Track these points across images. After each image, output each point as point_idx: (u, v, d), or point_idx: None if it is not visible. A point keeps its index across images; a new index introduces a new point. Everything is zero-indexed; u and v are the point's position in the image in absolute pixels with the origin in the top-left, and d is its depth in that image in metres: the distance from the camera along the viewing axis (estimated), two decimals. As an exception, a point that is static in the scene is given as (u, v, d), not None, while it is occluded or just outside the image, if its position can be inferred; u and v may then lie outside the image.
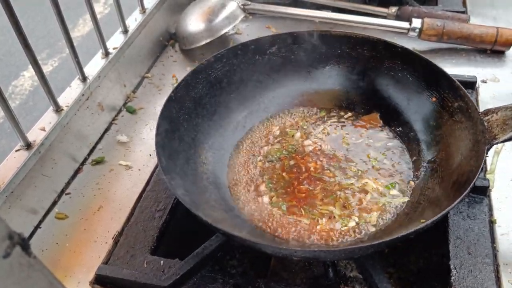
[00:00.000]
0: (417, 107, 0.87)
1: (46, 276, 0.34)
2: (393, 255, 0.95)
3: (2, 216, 0.53)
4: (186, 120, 0.83)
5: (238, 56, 0.91)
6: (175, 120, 0.81)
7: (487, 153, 0.69)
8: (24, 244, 0.32)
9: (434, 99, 0.83)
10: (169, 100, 0.81)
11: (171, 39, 1.26)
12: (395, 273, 0.95)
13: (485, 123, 0.72)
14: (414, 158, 0.84)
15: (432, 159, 0.81)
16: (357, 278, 0.91)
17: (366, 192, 0.80)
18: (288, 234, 0.76)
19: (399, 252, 0.95)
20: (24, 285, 0.33)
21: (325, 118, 0.95)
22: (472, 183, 0.63)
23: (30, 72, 3.14)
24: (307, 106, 0.97)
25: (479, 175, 0.64)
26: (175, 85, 0.84)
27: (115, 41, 1.07)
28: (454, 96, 0.79)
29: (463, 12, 1.21)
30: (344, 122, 0.93)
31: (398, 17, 1.20)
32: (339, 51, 0.94)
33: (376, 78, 0.92)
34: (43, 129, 0.85)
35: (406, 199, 0.78)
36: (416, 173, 0.82)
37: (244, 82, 0.92)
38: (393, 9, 1.20)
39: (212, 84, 0.89)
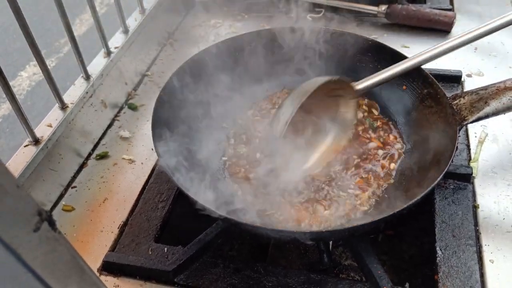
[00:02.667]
0: (390, 95, 0.93)
1: (69, 250, 0.39)
2: (386, 244, 1.00)
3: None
4: (177, 117, 0.87)
5: (220, 53, 0.95)
6: (168, 120, 0.85)
7: (459, 133, 0.75)
8: (50, 220, 0.36)
9: (404, 87, 0.90)
10: (159, 99, 0.84)
11: (170, 38, 1.30)
12: (388, 261, 0.99)
13: (454, 107, 0.78)
14: (392, 141, 0.90)
15: (408, 142, 0.87)
16: (352, 266, 0.96)
17: (355, 177, 0.85)
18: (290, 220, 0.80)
19: (392, 241, 0.99)
20: (51, 257, 0.37)
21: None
22: (450, 161, 0.68)
23: (27, 72, 3.16)
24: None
25: (455, 153, 0.70)
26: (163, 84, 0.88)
27: (116, 40, 1.11)
28: (423, 84, 0.86)
29: (450, 10, 1.26)
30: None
31: (387, 15, 1.25)
32: (314, 45, 0.97)
33: (350, 71, 0.96)
34: (50, 126, 0.89)
35: (392, 181, 0.84)
36: (395, 155, 0.87)
37: (228, 77, 0.96)
38: (383, 7, 1.25)
39: (197, 80, 0.93)
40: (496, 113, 0.77)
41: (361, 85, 0.83)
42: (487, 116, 0.78)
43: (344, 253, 0.99)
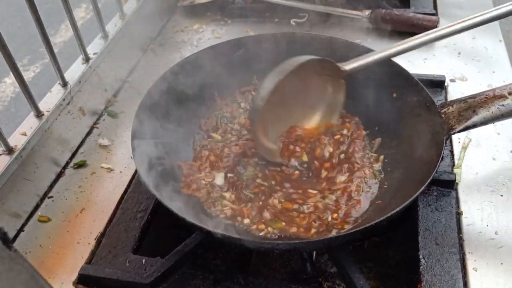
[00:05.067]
0: (380, 102, 0.91)
1: (27, 269, 0.36)
2: (372, 251, 0.99)
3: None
4: (159, 127, 0.85)
5: (207, 59, 0.93)
6: (150, 125, 0.83)
7: (445, 143, 0.73)
8: (5, 238, 0.34)
9: (394, 94, 0.88)
10: (142, 106, 0.83)
11: (151, 44, 1.28)
12: (374, 267, 0.98)
13: (442, 116, 0.76)
14: (380, 150, 0.88)
15: (396, 151, 0.86)
16: (337, 273, 0.94)
17: (337, 186, 0.83)
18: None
19: (378, 248, 0.98)
20: (6, 277, 0.35)
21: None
22: (434, 171, 0.67)
23: (11, 78, 3.12)
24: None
25: (440, 164, 0.69)
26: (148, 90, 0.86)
27: (96, 46, 1.09)
28: (413, 92, 0.84)
29: (433, 14, 1.25)
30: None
31: (371, 20, 1.24)
32: (303, 52, 0.96)
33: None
34: (24, 134, 0.86)
35: (376, 189, 0.82)
36: (383, 164, 0.86)
37: (213, 83, 0.95)
38: (367, 12, 1.24)
39: (183, 87, 0.91)
40: (484, 122, 0.75)
41: (349, 66, 0.83)
42: (474, 126, 0.76)
43: (329, 260, 0.98)
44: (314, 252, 0.91)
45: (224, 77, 0.95)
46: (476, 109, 0.76)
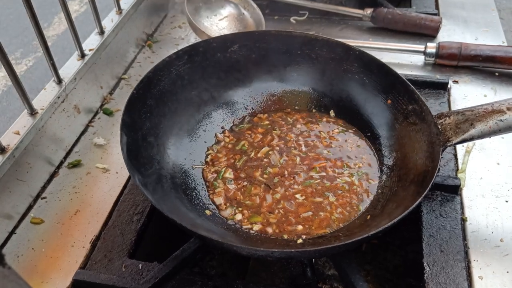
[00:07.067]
0: (374, 109, 0.89)
1: (21, 286, 0.34)
2: (370, 253, 0.97)
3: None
4: (148, 119, 0.82)
5: (200, 54, 0.91)
6: (138, 120, 0.80)
7: (442, 155, 0.71)
8: (-2, 254, 0.32)
9: (389, 101, 0.86)
10: (132, 98, 0.79)
11: (148, 40, 1.25)
12: (372, 270, 0.97)
13: (439, 126, 0.74)
14: (372, 157, 0.87)
15: (389, 159, 0.84)
16: (335, 276, 0.93)
17: (329, 191, 0.82)
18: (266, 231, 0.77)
19: (376, 250, 0.97)
20: (-2, 296, 0.32)
21: (287, 118, 0.96)
22: (430, 183, 0.65)
23: (3, 71, 3.07)
24: (268, 106, 0.98)
25: (436, 175, 0.67)
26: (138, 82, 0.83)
27: (91, 42, 1.06)
28: (408, 99, 0.82)
29: (435, 14, 1.24)
30: (303, 122, 0.94)
31: (373, 19, 1.22)
32: (299, 52, 0.94)
33: (335, 80, 0.93)
34: (18, 133, 0.83)
35: (370, 196, 0.81)
36: (375, 171, 0.84)
37: (205, 80, 0.92)
38: (368, 11, 1.22)
39: (174, 81, 0.88)
40: (481, 136, 0.73)
41: None
42: (472, 139, 0.74)
43: (327, 263, 0.96)
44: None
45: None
46: (473, 122, 0.73)
